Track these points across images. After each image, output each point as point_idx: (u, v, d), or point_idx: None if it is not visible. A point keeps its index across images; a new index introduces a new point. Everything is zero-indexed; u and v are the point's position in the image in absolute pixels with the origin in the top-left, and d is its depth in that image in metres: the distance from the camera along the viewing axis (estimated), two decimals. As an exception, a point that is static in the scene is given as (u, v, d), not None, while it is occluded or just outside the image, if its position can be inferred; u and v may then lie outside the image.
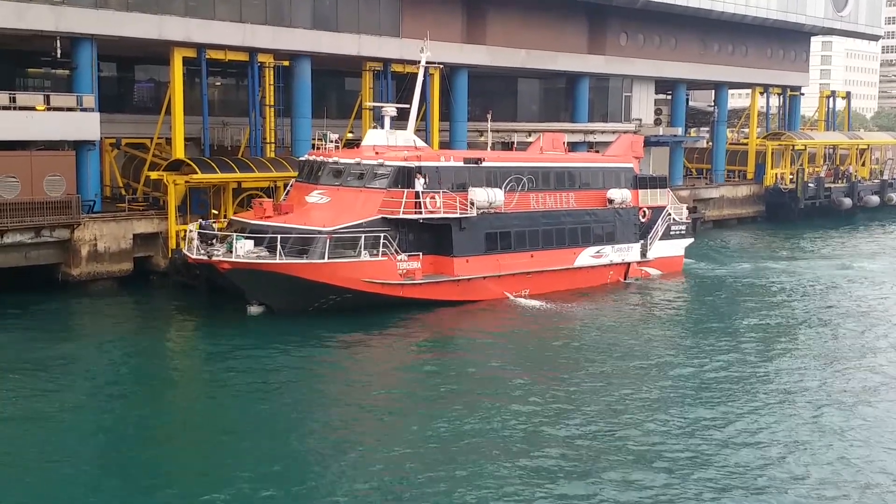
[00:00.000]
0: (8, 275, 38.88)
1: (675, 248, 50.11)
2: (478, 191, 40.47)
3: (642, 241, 48.03)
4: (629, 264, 47.49)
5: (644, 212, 48.45)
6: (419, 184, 38.88)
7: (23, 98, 40.29)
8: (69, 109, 40.99)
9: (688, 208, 53.85)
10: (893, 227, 76.71)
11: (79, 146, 41.47)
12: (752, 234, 69.98)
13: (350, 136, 51.06)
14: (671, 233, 49.70)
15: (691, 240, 51.43)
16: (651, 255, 48.38)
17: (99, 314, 38.22)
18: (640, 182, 48.74)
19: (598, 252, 45.86)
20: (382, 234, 37.60)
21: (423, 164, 39.66)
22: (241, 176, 43.33)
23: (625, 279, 47.23)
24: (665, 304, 43.15)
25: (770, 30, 75.70)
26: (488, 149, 50.76)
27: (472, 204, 40.18)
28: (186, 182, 42.11)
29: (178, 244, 40.99)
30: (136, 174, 47.69)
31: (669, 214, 49.85)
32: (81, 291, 40.44)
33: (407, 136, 42.86)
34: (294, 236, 36.49)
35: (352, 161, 39.63)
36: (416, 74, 44.79)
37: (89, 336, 35.31)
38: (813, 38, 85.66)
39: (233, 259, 35.71)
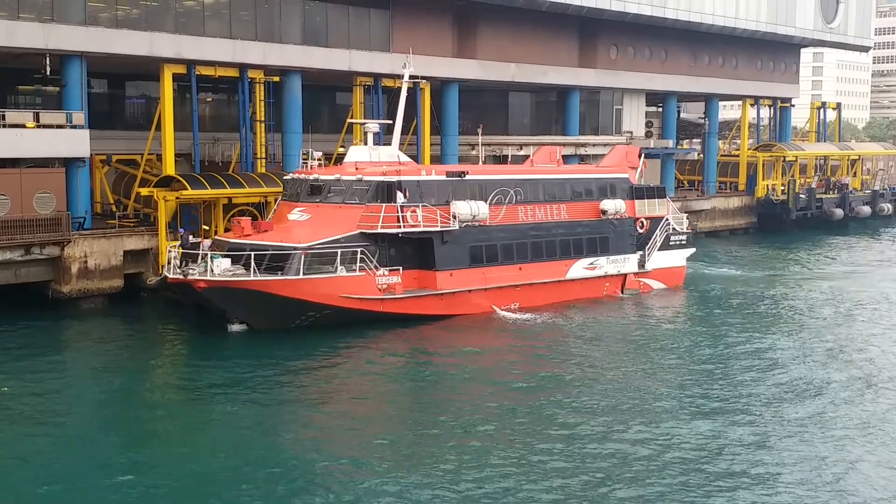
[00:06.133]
0: (-2, 293, 38.83)
1: (676, 258, 49.77)
2: (460, 204, 40.39)
3: (640, 252, 47.88)
4: (626, 276, 47.35)
5: (642, 222, 48.32)
6: (401, 198, 38.84)
7: (12, 115, 40.30)
8: (59, 126, 40.92)
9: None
10: (885, 237, 76.88)
11: (69, 163, 41.44)
12: (743, 245, 70.01)
13: (341, 150, 51.08)
14: (671, 243, 49.43)
15: (693, 250, 51.25)
16: (650, 265, 48.06)
17: (89, 332, 38.04)
18: (636, 192, 48.55)
19: (591, 264, 45.71)
20: (360, 249, 37.53)
21: (403, 178, 39.59)
22: (231, 192, 43.32)
23: (622, 291, 47.05)
24: (659, 317, 43.04)
25: (760, 42, 76.05)
26: (480, 162, 50.78)
27: (455, 217, 40.16)
28: (177, 198, 42.10)
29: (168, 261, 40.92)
30: (127, 190, 47.66)
31: (669, 224, 49.65)
32: (72, 309, 40.31)
33: (391, 152, 42.80)
34: (270, 253, 36.45)
35: (331, 177, 39.63)
36: (408, 88, 44.79)
37: (78, 354, 35.19)
38: (804, 50, 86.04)
39: (208, 277, 35.68)
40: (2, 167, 39.16)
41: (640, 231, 48.15)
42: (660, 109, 76.83)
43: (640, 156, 52.10)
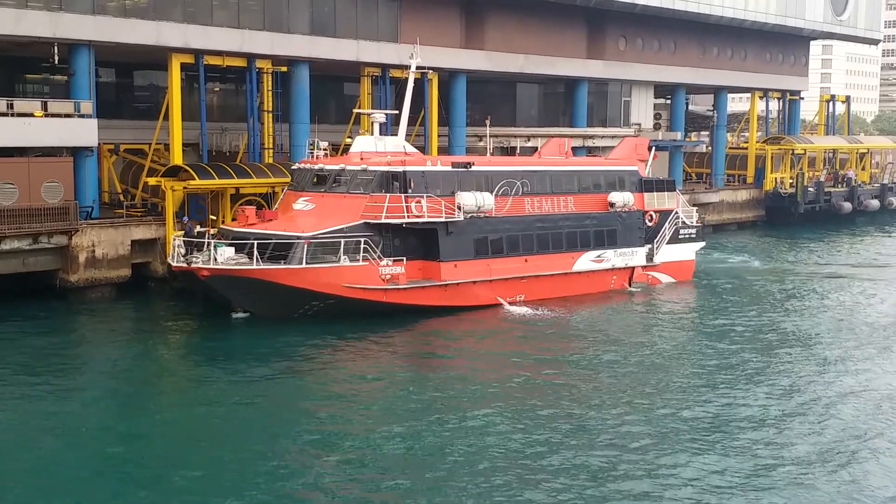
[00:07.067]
0: (6, 281, 38.84)
1: (685, 251, 49.36)
2: (465, 195, 40.26)
3: (648, 246, 47.60)
4: (633, 269, 47.16)
5: (651, 215, 48.15)
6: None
7: (20, 104, 40.22)
8: (67, 116, 40.92)
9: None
10: (893, 231, 76.63)
11: (76, 152, 41.46)
12: (752, 238, 69.90)
13: (349, 140, 50.98)
14: (680, 236, 49.11)
15: (702, 243, 50.92)
16: (658, 259, 47.76)
17: (96, 321, 38.16)
18: (645, 185, 48.22)
19: (598, 256, 45.50)
20: (363, 239, 37.51)
21: (407, 168, 39.53)
22: (238, 182, 43.35)
23: (629, 285, 46.85)
24: (666, 310, 42.84)
25: (769, 34, 75.74)
26: (488, 154, 50.69)
27: (460, 208, 40.08)
28: (184, 188, 42.14)
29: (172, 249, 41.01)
30: (135, 180, 47.69)
31: (678, 217, 49.30)
32: (79, 298, 40.39)
33: (396, 142, 42.67)
34: (273, 242, 36.51)
35: (336, 167, 39.59)
36: (415, 79, 44.69)
37: (86, 343, 35.37)
38: (813, 42, 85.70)
39: (211, 266, 35.70)
40: (10, 156, 39.17)
41: (649, 224, 47.90)
42: (668, 101, 76.58)
43: (649, 148, 51.93)
